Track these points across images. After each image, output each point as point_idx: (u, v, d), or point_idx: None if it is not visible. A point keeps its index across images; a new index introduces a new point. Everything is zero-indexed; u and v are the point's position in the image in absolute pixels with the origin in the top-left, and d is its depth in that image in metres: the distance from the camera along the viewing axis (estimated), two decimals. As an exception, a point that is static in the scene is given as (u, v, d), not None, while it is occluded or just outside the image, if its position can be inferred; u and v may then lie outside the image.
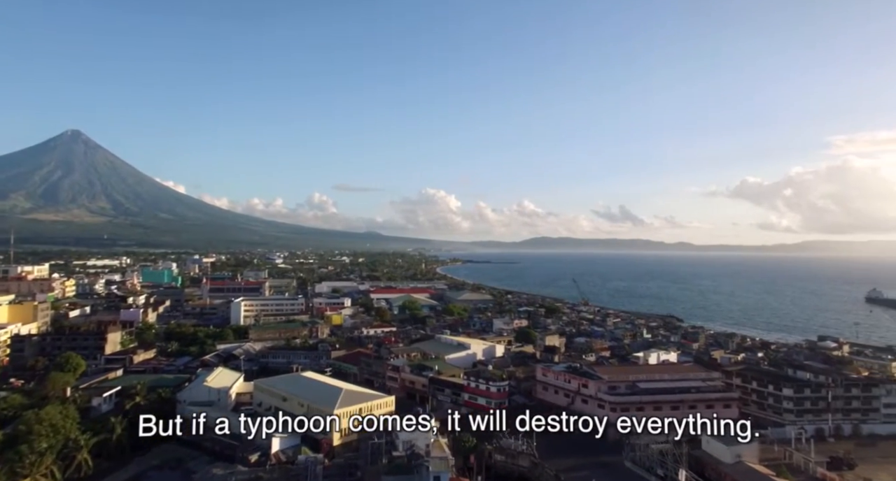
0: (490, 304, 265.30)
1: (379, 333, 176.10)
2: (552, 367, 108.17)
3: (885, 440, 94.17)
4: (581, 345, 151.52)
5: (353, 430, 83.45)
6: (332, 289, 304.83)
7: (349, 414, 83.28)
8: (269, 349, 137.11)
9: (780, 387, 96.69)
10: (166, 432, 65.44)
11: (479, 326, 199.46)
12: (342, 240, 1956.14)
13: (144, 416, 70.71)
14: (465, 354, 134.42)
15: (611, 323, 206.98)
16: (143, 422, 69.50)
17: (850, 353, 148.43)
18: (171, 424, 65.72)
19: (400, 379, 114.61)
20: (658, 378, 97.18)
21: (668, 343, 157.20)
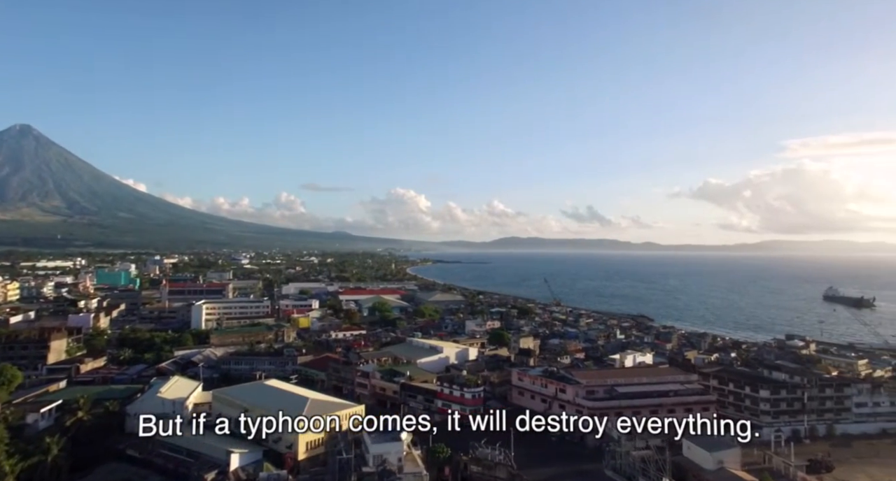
0: (462, 305, 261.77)
1: (348, 336, 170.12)
2: (528, 371, 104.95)
3: (857, 439, 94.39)
4: (555, 347, 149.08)
5: (319, 444, 78.45)
6: (300, 290, 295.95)
7: (316, 425, 77.89)
8: (231, 355, 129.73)
9: (757, 389, 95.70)
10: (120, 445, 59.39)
11: (452, 328, 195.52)
12: (311, 240, 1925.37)
13: (144, 416, 68.36)
14: (437, 358, 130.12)
15: (584, 323, 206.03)
16: (143, 422, 67.59)
17: (817, 351, 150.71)
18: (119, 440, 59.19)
19: (370, 385, 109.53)
20: (636, 381, 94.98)
21: (642, 343, 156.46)
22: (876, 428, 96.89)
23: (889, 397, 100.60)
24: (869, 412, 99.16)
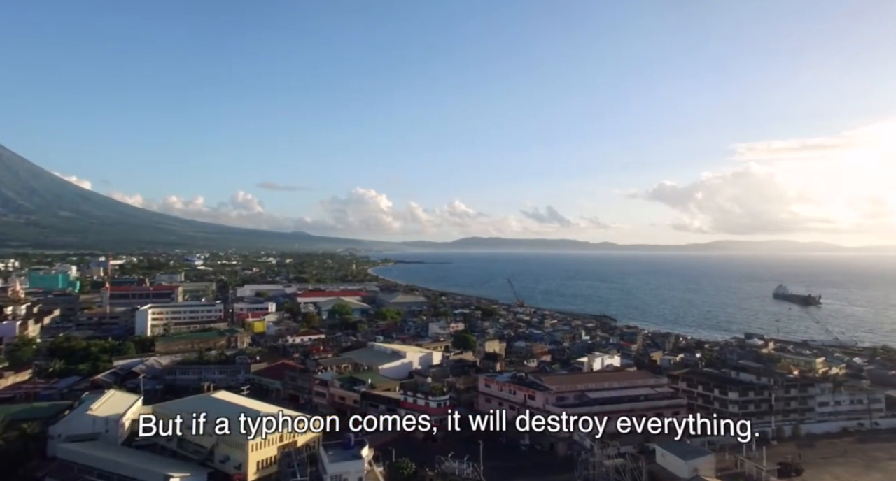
0: (424, 307, 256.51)
1: (306, 341, 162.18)
2: (496, 377, 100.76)
3: (820, 439, 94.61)
4: (521, 350, 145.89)
5: (272, 462, 71.84)
6: (256, 292, 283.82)
7: (268, 442, 71.27)
8: (177, 364, 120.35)
9: (726, 391, 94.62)
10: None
11: (415, 331, 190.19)
12: (269, 240, 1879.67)
13: (145, 416, 64.52)
14: (400, 364, 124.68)
15: (549, 324, 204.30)
16: (143, 422, 63.93)
17: (776, 350, 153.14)
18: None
19: (329, 394, 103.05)
20: (607, 386, 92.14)
21: (608, 345, 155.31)
22: (837, 427, 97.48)
23: (849, 396, 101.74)
24: (831, 411, 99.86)
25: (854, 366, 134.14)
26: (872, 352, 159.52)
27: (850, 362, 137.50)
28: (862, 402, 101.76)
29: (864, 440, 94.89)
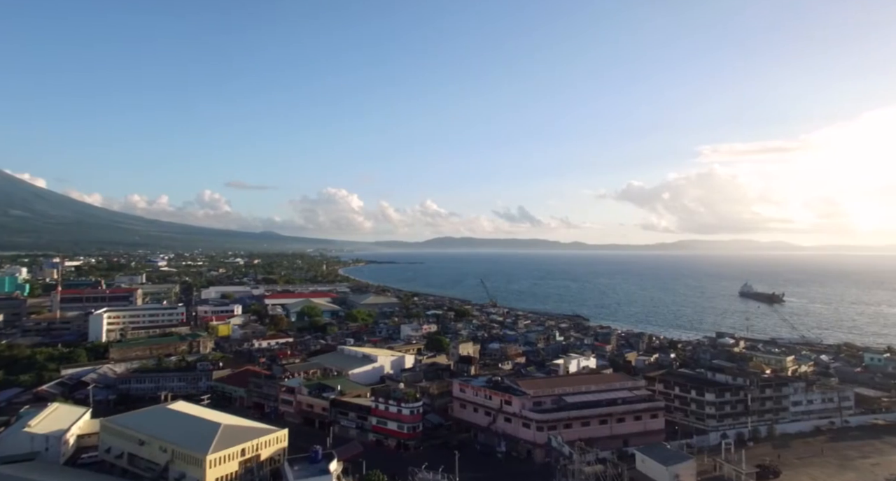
0: (396, 308, 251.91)
1: (273, 345, 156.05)
2: (470, 382, 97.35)
3: (794, 438, 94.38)
4: (496, 352, 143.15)
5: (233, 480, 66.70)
6: (222, 294, 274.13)
7: (228, 457, 66.14)
8: (133, 372, 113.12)
9: (703, 392, 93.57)
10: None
11: (386, 333, 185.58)
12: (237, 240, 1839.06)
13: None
14: (371, 368, 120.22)
15: (522, 325, 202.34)
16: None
17: (746, 348, 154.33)
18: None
19: (296, 402, 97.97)
20: (584, 390, 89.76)
21: (582, 346, 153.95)
22: (810, 426, 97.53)
23: (820, 394, 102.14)
24: (804, 410, 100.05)
25: (821, 364, 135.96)
26: (837, 349, 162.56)
27: (818, 360, 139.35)
28: (833, 401, 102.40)
29: (836, 438, 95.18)
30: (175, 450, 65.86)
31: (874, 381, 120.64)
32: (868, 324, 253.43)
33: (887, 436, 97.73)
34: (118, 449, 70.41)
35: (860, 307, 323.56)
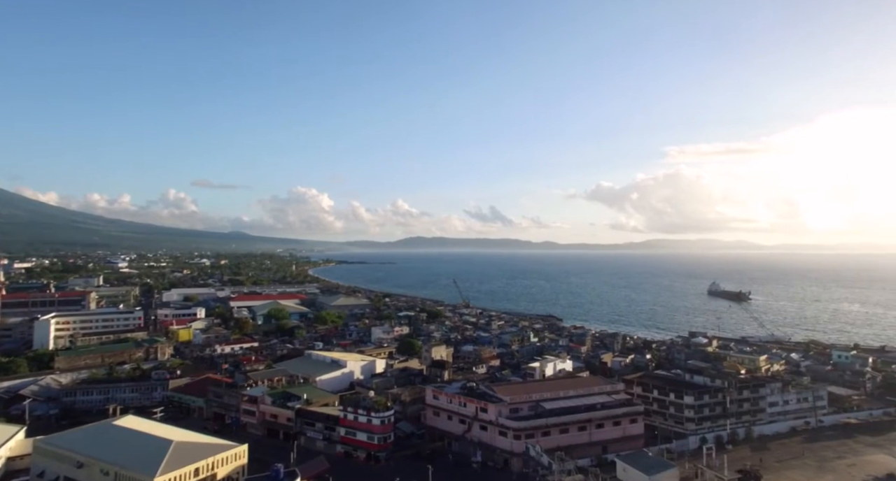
0: (367, 309, 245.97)
1: (237, 350, 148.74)
2: (444, 388, 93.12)
3: (772, 440, 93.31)
4: (469, 355, 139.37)
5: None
6: (184, 296, 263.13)
7: (179, 479, 60.25)
8: (80, 383, 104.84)
9: (682, 395, 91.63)
10: None
11: (356, 336, 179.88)
12: (204, 240, 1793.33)
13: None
14: (340, 374, 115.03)
15: (496, 326, 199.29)
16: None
17: (719, 348, 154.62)
18: None
19: (259, 412, 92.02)
20: (562, 395, 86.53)
21: (557, 347, 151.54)
22: (786, 427, 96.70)
23: (796, 394, 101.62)
24: (780, 410, 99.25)
25: (792, 362, 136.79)
26: (806, 347, 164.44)
27: (789, 358, 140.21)
28: (807, 400, 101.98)
29: (811, 439, 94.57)
30: (118, 473, 59.67)
31: (844, 379, 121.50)
32: (830, 320, 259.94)
33: (859, 435, 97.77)
34: (53, 472, 63.64)
35: (821, 304, 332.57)
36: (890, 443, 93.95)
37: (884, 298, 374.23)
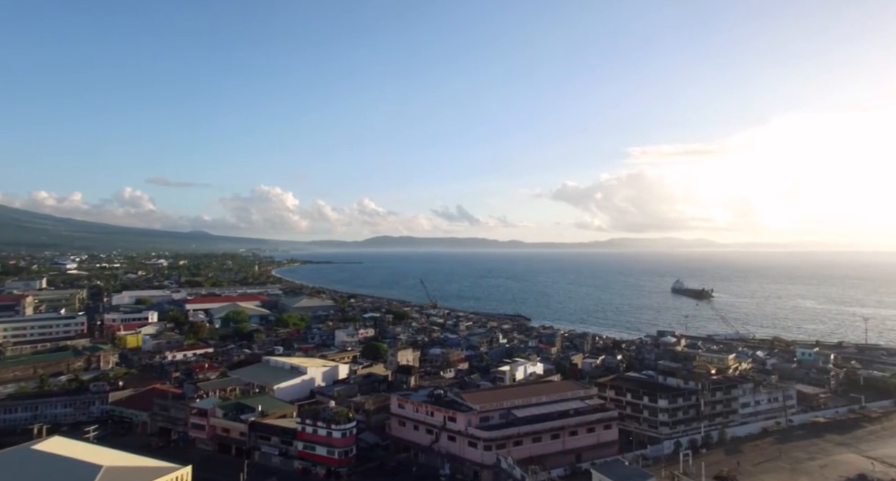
0: (332, 311, 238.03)
1: (190, 357, 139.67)
2: (410, 396, 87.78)
3: (744, 442, 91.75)
4: (437, 359, 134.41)
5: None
6: (136, 299, 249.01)
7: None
8: (2, 399, 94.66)
9: (656, 398, 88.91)
10: None
11: (320, 339, 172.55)
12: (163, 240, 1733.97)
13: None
14: (300, 381, 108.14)
15: (464, 327, 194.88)
16: None
17: (687, 347, 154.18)
18: None
19: (209, 426, 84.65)
20: (535, 401, 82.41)
21: (527, 348, 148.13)
22: (758, 428, 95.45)
23: (766, 394, 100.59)
24: (752, 411, 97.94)
25: (758, 360, 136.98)
26: (770, 344, 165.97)
27: (755, 356, 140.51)
28: (778, 400, 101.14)
29: (783, 439, 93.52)
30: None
31: (810, 377, 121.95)
32: (788, 317, 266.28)
33: (828, 434, 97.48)
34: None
35: (779, 301, 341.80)
36: (857, 441, 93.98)
37: (836, 294, 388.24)
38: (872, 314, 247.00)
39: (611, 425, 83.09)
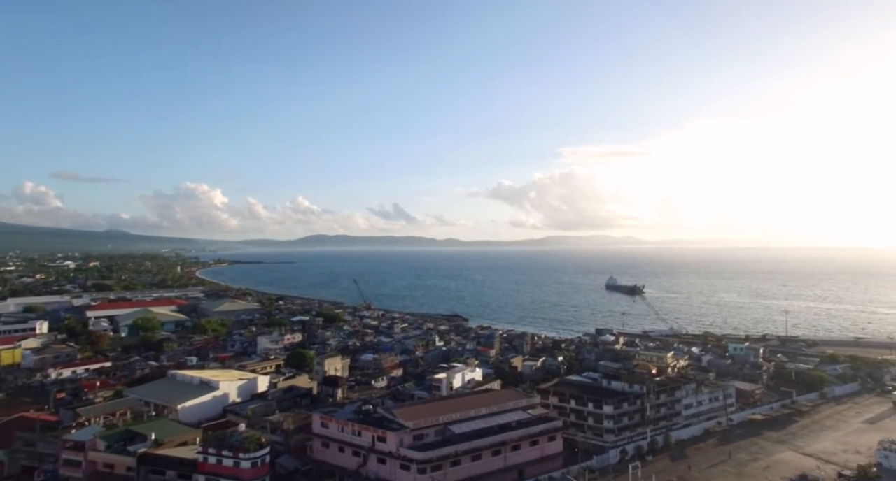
0: (256, 315, 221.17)
1: (80, 373, 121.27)
2: (335, 413, 77.55)
3: (688, 445, 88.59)
4: (369, 366, 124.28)
5: None
6: (25, 307, 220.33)
7: None
8: None
9: (601, 404, 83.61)
10: None
11: (241, 347, 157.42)
12: (73, 240, 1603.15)
13: None
14: (210, 398, 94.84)
15: (398, 329, 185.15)
16: None
17: (625, 344, 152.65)
18: None
19: (87, 462, 70.29)
20: (474, 414, 74.57)
21: (465, 351, 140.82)
22: (700, 430, 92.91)
23: (708, 394, 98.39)
24: (694, 412, 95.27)
25: (694, 357, 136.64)
26: (704, 339, 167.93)
27: (690, 353, 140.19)
28: (718, 399, 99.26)
29: (725, 440, 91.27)
30: None
31: (744, 373, 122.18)
32: (714, 311, 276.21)
33: (765, 431, 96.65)
34: None
35: (704, 296, 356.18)
36: (793, 438, 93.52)
37: (753, 288, 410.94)
38: (787, 306, 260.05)
39: (555, 436, 76.72)
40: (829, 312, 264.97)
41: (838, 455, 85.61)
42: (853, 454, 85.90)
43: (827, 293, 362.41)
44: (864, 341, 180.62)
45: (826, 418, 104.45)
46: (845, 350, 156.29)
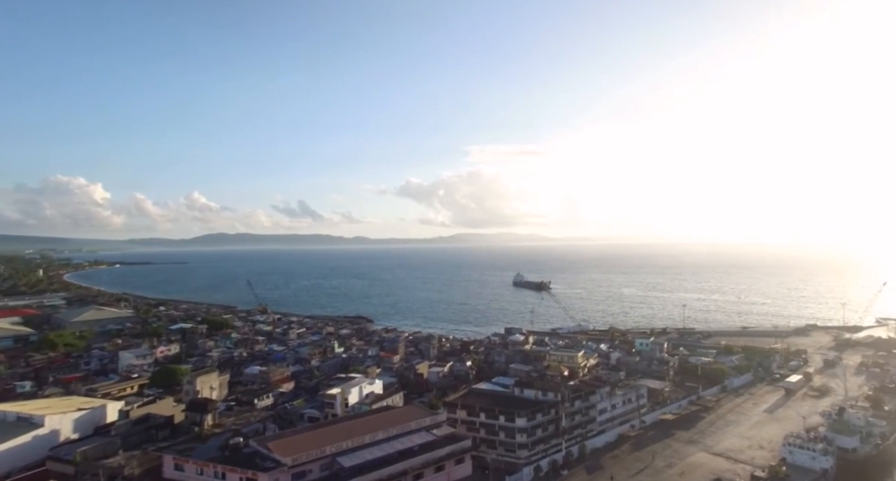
0: (128, 324, 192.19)
1: None
2: (193, 453, 61.74)
3: (603, 453, 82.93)
4: (254, 380, 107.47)
5: None
6: None
7: None
8: None
9: (513, 417, 74.92)
10: None
11: (99, 364, 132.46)
12: None
13: None
14: (31, 439, 74.33)
15: (294, 335, 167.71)
16: None
17: (535, 343, 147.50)
18: None
19: None
20: (369, 441, 62.36)
21: (366, 359, 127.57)
22: (614, 435, 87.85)
23: (622, 396, 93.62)
24: (608, 417, 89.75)
25: (603, 354, 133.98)
26: (609, 335, 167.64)
27: (599, 350, 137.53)
28: (631, 400, 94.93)
29: (639, 444, 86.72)
30: None
31: (652, 370, 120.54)
32: (616, 305, 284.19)
33: (676, 431, 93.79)
34: None
35: (606, 290, 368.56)
36: (702, 437, 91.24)
37: (649, 282, 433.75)
38: (681, 299, 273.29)
39: (463, 458, 66.59)
40: (717, 303, 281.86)
41: (745, 451, 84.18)
42: (758, 450, 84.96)
43: (714, 285, 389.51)
44: (749, 330, 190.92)
45: (729, 412, 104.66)
46: (735, 340, 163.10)
